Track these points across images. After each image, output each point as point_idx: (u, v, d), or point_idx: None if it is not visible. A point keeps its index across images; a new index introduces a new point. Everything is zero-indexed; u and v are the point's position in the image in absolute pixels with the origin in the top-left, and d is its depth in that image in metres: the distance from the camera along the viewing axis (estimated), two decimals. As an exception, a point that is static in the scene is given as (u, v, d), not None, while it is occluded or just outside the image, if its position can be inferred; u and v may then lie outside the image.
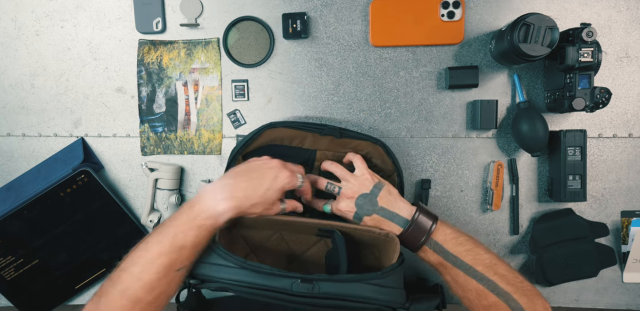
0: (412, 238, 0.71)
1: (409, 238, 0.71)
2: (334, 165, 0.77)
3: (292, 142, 0.80)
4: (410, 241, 0.71)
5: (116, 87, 0.90)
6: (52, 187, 0.84)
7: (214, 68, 0.88)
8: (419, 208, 0.72)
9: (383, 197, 0.72)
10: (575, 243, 0.84)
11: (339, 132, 0.78)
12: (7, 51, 0.89)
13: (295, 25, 0.85)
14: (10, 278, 0.87)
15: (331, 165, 0.77)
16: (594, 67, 0.77)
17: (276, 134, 0.78)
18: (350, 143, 0.79)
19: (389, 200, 0.72)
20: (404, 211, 0.72)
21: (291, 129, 0.78)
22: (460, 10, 0.84)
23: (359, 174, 0.74)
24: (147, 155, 0.90)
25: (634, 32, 0.85)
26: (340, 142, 0.79)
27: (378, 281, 0.62)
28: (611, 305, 0.90)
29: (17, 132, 0.91)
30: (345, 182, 0.74)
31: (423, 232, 0.71)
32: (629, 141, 0.87)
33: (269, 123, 0.77)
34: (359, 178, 0.74)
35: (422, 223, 0.71)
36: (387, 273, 0.64)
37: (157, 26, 0.87)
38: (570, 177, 0.83)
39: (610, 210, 0.88)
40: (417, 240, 0.71)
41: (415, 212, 0.72)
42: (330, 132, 0.78)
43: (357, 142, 0.79)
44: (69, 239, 0.87)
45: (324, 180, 0.75)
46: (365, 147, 0.79)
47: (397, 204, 0.72)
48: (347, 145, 0.80)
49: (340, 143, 0.79)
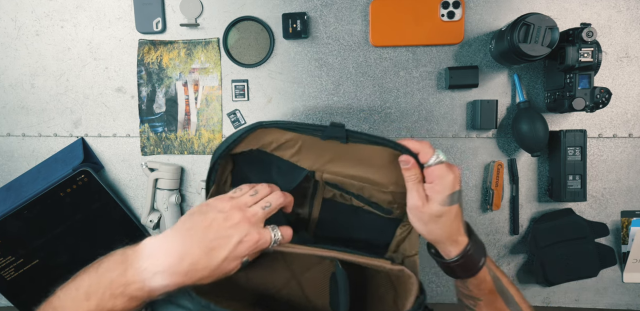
0: (474, 258, 0.56)
1: (471, 259, 0.56)
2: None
3: (285, 151, 0.61)
4: (471, 262, 0.56)
5: (116, 87, 0.90)
6: (52, 187, 0.84)
7: (214, 68, 0.88)
8: (466, 223, 0.59)
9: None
10: (575, 243, 0.84)
11: (344, 134, 0.56)
12: (7, 51, 0.89)
13: (295, 25, 0.85)
14: (10, 278, 0.87)
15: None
16: (594, 67, 0.77)
17: (268, 137, 0.60)
18: (361, 151, 0.58)
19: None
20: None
21: (285, 131, 0.59)
22: (460, 10, 0.84)
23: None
24: (147, 155, 0.90)
25: (634, 32, 0.85)
26: (347, 150, 0.58)
27: None
28: (611, 305, 0.90)
29: (17, 132, 0.91)
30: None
31: (482, 251, 0.57)
32: (629, 141, 0.87)
33: (258, 123, 0.58)
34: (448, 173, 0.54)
35: (478, 238, 0.58)
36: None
37: (157, 26, 0.87)
38: (570, 177, 0.83)
39: (610, 210, 0.88)
40: (477, 261, 0.56)
41: (468, 225, 0.59)
42: (333, 134, 0.57)
43: (369, 150, 0.57)
44: (69, 239, 0.87)
45: (429, 148, 0.54)
46: (381, 156, 0.57)
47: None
48: (356, 159, 0.59)
49: (348, 155, 0.59)
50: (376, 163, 0.57)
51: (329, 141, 0.58)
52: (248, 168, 0.64)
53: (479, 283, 0.58)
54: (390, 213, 0.63)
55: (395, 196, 0.60)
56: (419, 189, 0.53)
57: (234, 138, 0.59)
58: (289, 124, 0.58)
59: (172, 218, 0.88)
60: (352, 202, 0.66)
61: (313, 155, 0.60)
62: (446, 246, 0.56)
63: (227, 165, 0.64)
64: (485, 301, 0.59)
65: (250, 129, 0.58)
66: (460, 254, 0.55)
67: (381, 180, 0.59)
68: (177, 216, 0.89)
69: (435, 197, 0.52)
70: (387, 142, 0.55)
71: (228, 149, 0.60)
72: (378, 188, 0.60)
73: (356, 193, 0.63)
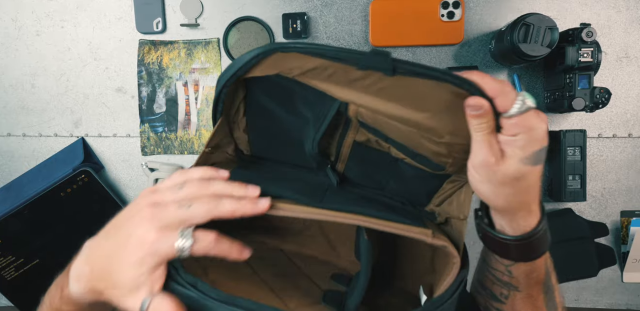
0: (545, 237, 0.46)
1: (542, 238, 0.45)
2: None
3: (312, 79, 0.46)
4: (539, 242, 0.45)
5: (116, 87, 0.90)
6: (53, 186, 0.84)
7: (214, 68, 0.88)
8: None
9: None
10: (575, 243, 0.85)
11: (390, 65, 0.40)
12: (8, 51, 0.89)
13: (296, 26, 0.86)
14: (11, 278, 0.87)
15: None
16: (593, 67, 0.77)
17: (288, 64, 0.45)
18: (411, 87, 0.42)
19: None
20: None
21: (310, 57, 0.43)
22: (460, 10, 0.84)
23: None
24: (148, 155, 0.90)
25: (633, 32, 0.85)
26: (393, 84, 0.42)
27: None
28: (611, 304, 0.90)
29: (17, 132, 0.91)
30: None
31: (548, 234, 0.47)
32: (629, 141, 0.87)
33: (275, 46, 0.44)
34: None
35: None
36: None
37: (158, 26, 0.87)
38: (570, 177, 0.83)
39: (610, 210, 0.88)
40: (546, 242, 0.46)
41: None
42: (375, 64, 0.41)
43: (423, 86, 0.41)
44: (70, 239, 0.88)
45: (512, 90, 0.39)
46: (438, 96, 0.41)
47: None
48: (404, 96, 0.43)
49: (393, 90, 0.43)
50: (430, 105, 0.42)
51: (370, 72, 0.42)
52: (265, 96, 0.52)
53: (532, 271, 0.47)
54: (442, 170, 0.49)
55: (452, 149, 0.45)
56: (492, 142, 0.40)
57: (241, 63, 0.46)
58: (316, 48, 0.42)
59: (173, 218, 0.88)
60: (390, 151, 0.52)
61: (347, 85, 0.45)
62: (517, 218, 0.43)
63: (238, 91, 0.52)
64: (524, 293, 0.49)
65: (263, 53, 0.44)
66: (536, 227, 0.44)
67: (435, 126, 0.44)
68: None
69: (517, 154, 0.39)
70: (452, 77, 0.39)
71: (235, 76, 0.47)
72: (429, 136, 0.45)
73: (399, 142, 0.49)
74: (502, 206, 0.43)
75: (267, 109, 0.53)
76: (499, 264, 0.48)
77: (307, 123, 0.53)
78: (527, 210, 0.43)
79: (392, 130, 0.48)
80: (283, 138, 0.56)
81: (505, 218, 0.44)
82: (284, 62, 0.45)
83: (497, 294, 0.51)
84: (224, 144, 0.55)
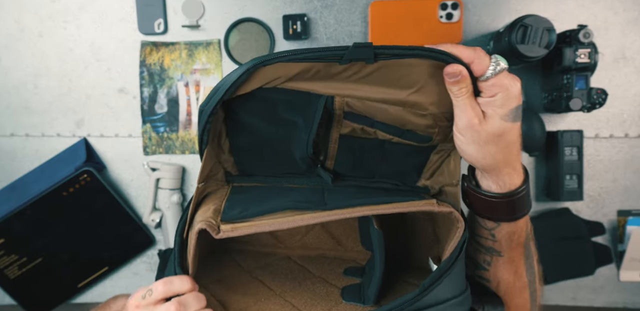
0: (528, 195, 0.49)
1: (526, 196, 0.48)
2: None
3: (296, 83, 0.48)
4: (523, 200, 0.48)
5: (118, 88, 0.90)
6: (55, 186, 0.85)
7: (215, 69, 0.89)
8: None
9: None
10: (572, 242, 0.85)
11: (372, 53, 0.43)
12: (11, 52, 0.90)
13: (296, 27, 0.86)
14: (14, 276, 0.88)
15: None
16: (590, 68, 0.78)
17: (272, 74, 0.46)
18: (392, 69, 0.45)
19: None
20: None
21: (294, 63, 0.45)
22: (459, 11, 0.85)
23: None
24: (149, 155, 0.91)
25: (630, 34, 0.86)
26: (375, 70, 0.45)
27: (422, 303, 0.43)
28: (607, 303, 0.91)
29: (20, 132, 0.92)
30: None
31: (528, 196, 0.49)
32: (626, 141, 0.88)
33: (258, 60, 0.45)
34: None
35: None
36: (433, 286, 0.43)
37: (159, 27, 0.88)
38: (567, 176, 0.84)
39: (606, 209, 0.89)
40: (529, 201, 0.49)
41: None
42: (357, 56, 0.43)
43: (402, 67, 0.44)
44: (72, 238, 0.88)
45: (485, 54, 0.43)
46: (418, 72, 0.45)
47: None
48: (386, 79, 0.46)
49: (375, 75, 0.46)
50: (412, 82, 0.45)
51: (352, 63, 0.45)
52: (244, 113, 0.53)
53: (514, 232, 0.50)
54: (429, 141, 0.52)
55: (437, 118, 0.48)
56: (473, 104, 0.43)
57: (225, 87, 0.46)
58: (298, 55, 0.44)
59: (174, 218, 0.89)
60: (376, 136, 0.54)
61: (331, 79, 0.47)
62: (502, 176, 0.46)
63: (218, 113, 0.52)
64: (506, 258, 0.51)
65: (247, 71, 0.45)
66: (522, 185, 0.47)
67: (419, 100, 0.47)
68: (178, 215, 0.90)
69: (496, 112, 0.43)
70: (428, 51, 0.42)
71: (221, 101, 0.47)
72: (415, 111, 0.48)
73: (386, 123, 0.52)
74: (488, 164, 0.46)
75: (248, 125, 0.54)
76: (483, 229, 0.51)
77: (294, 129, 0.54)
78: (511, 167, 0.46)
79: (380, 113, 0.50)
80: (268, 150, 0.57)
81: (492, 177, 0.47)
82: (269, 73, 0.46)
83: (480, 262, 0.53)
84: (214, 173, 0.57)
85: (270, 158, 0.58)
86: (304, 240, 0.63)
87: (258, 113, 0.53)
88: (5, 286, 0.88)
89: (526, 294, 0.53)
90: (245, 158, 0.58)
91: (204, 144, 0.52)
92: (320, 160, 0.58)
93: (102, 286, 0.93)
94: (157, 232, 0.93)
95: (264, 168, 0.59)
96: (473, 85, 0.43)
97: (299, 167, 0.57)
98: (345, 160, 0.58)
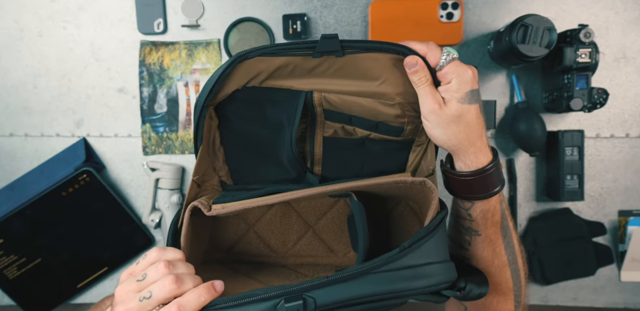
0: (498, 173, 0.52)
1: (495, 173, 0.52)
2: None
3: (278, 80, 0.54)
4: (492, 177, 0.52)
5: (118, 88, 0.90)
6: (55, 186, 0.84)
7: (214, 69, 0.89)
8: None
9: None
10: (573, 242, 0.85)
11: (339, 46, 0.50)
12: (10, 52, 0.90)
13: (296, 26, 0.86)
14: (13, 277, 0.88)
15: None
16: (591, 68, 0.78)
17: (254, 69, 0.53)
18: (359, 62, 0.51)
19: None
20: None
21: (271, 57, 0.51)
22: (459, 11, 0.84)
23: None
24: (149, 155, 0.91)
25: (631, 33, 0.85)
26: (345, 64, 0.52)
27: (402, 262, 0.44)
28: (608, 303, 0.90)
29: (19, 132, 0.92)
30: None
31: (500, 173, 0.53)
32: (626, 141, 0.88)
33: (239, 55, 0.51)
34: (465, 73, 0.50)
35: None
36: (413, 246, 0.44)
37: (159, 27, 0.88)
38: (568, 176, 0.84)
39: (607, 209, 0.89)
40: (499, 179, 0.53)
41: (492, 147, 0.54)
42: (326, 48, 0.50)
43: (369, 60, 0.51)
44: (71, 238, 0.88)
45: (436, 47, 0.51)
46: (383, 65, 0.51)
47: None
48: (356, 72, 0.52)
49: (346, 70, 0.52)
50: (378, 74, 0.52)
51: (324, 58, 0.51)
52: (236, 117, 0.58)
53: (488, 210, 0.53)
54: (402, 132, 0.57)
55: (404, 107, 0.54)
56: (433, 92, 0.49)
57: (214, 79, 0.52)
58: (274, 47, 0.50)
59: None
60: (356, 134, 0.59)
61: (308, 75, 0.53)
62: (468, 155, 0.51)
63: (211, 120, 0.57)
64: (484, 237, 0.55)
65: (232, 63, 0.51)
66: (488, 164, 0.51)
67: (386, 91, 0.53)
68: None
69: (454, 96, 0.49)
70: (388, 45, 0.50)
71: (211, 94, 0.53)
72: (384, 101, 0.54)
73: (361, 117, 0.57)
74: (454, 145, 0.51)
75: (239, 131, 0.60)
76: (462, 210, 0.55)
77: (281, 128, 0.58)
78: (476, 147, 0.51)
79: (354, 106, 0.56)
80: (261, 158, 0.62)
81: (460, 157, 0.52)
82: (252, 67, 0.52)
83: (462, 242, 0.57)
84: (208, 177, 0.61)
85: (262, 164, 0.62)
86: (295, 248, 0.65)
87: (248, 115, 0.58)
88: (4, 286, 0.88)
89: (506, 273, 0.56)
90: (238, 167, 0.62)
91: (199, 141, 0.57)
92: (308, 167, 0.63)
93: (102, 287, 0.92)
94: (157, 232, 0.92)
95: (256, 177, 0.63)
96: (432, 76, 0.50)
97: (289, 174, 0.62)
98: (331, 163, 0.63)
